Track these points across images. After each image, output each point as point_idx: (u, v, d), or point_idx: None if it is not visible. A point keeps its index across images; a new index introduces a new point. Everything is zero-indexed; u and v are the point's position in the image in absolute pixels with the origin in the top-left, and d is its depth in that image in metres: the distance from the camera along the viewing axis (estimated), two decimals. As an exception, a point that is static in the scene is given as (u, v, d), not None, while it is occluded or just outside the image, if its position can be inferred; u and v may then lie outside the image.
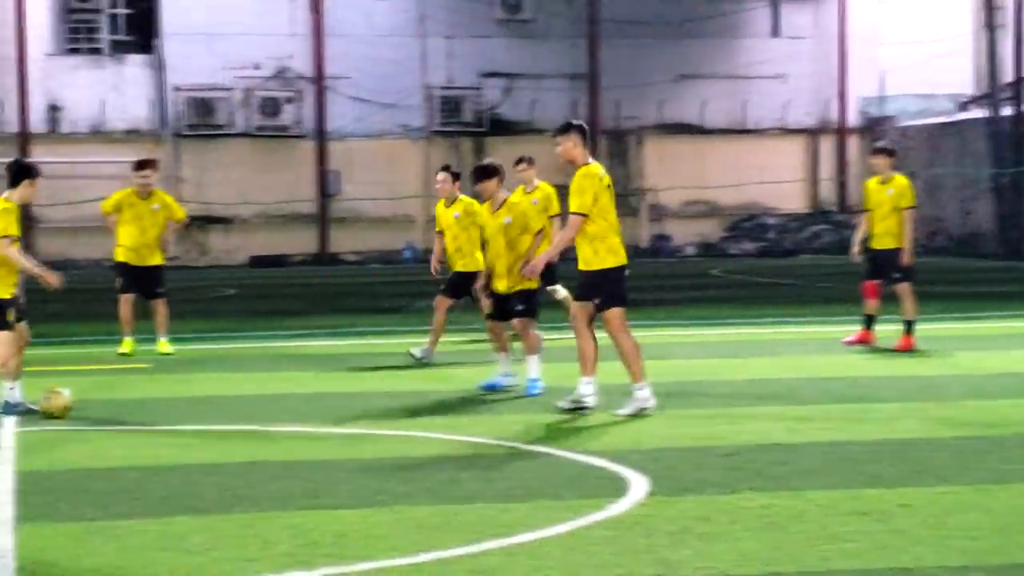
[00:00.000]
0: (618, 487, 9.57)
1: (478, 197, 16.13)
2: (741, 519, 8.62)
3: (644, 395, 13.03)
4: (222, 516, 8.90)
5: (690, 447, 11.20)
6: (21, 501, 9.36)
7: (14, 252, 13.25)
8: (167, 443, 11.83)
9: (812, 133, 50.50)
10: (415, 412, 13.18)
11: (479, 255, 16.64)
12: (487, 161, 16.38)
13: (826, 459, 10.63)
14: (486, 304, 15.33)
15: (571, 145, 13.12)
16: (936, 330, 19.99)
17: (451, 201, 17.81)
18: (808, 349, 18.60)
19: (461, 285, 17.23)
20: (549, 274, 20.10)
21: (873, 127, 50.22)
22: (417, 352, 17.20)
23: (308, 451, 11.42)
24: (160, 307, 18.60)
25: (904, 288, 18.24)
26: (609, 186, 13.21)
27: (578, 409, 12.94)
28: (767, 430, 11.99)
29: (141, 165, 18.87)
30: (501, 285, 14.93)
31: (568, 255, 13.85)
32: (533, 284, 14.92)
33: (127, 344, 18.20)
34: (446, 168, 18.29)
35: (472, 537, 8.20)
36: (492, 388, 14.80)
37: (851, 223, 36.85)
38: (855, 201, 46.16)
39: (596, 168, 13.17)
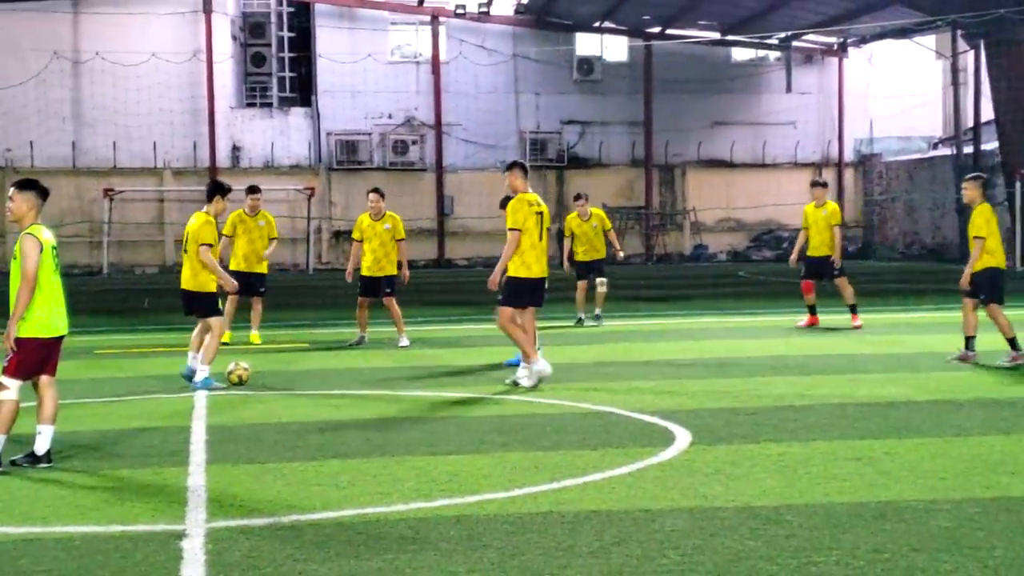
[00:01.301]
0: (667, 439, 9.53)
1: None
2: (761, 463, 8.56)
3: (541, 366, 12.61)
4: (362, 460, 8.94)
5: (723, 407, 11.13)
6: (210, 448, 9.46)
7: (208, 257, 13.37)
8: (321, 404, 11.91)
9: (817, 166, 50.06)
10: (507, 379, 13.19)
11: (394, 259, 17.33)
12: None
13: (828, 417, 10.53)
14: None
15: (514, 178, 12.96)
16: (911, 318, 19.81)
17: (379, 216, 17.44)
18: (814, 333, 18.45)
19: (373, 286, 17.26)
20: (598, 269, 20.27)
21: (864, 162, 49.87)
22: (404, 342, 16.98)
23: (428, 410, 11.46)
24: (257, 304, 17.78)
25: (842, 281, 18.92)
26: (539, 213, 12.83)
27: (516, 384, 12.55)
28: (782, 394, 11.89)
29: (252, 190, 18.33)
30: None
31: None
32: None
33: (227, 335, 16.77)
34: (376, 190, 17.70)
35: (555, 476, 8.19)
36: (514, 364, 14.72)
37: (846, 235, 36.49)
38: (849, 218, 45.79)
39: (530, 197, 12.89)
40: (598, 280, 20.25)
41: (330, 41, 46.10)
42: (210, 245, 13.46)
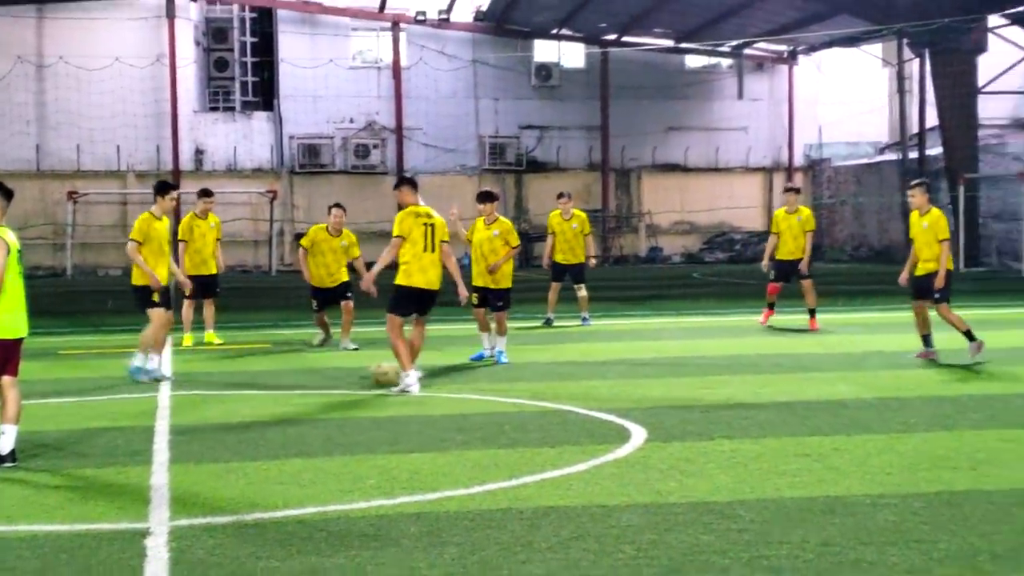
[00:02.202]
0: (623, 436, 9.56)
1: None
2: (714, 460, 8.60)
3: (410, 380, 12.34)
4: (325, 458, 8.92)
5: (677, 405, 11.17)
6: (174, 447, 9.40)
7: (133, 252, 13.54)
8: (283, 403, 11.87)
9: (768, 171, 50.42)
10: (471, 379, 13.19)
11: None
12: (487, 189, 16.97)
13: (779, 415, 10.59)
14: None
15: (403, 195, 12.91)
16: (859, 318, 19.95)
17: (338, 232, 17.20)
18: (764, 332, 18.55)
19: (331, 295, 17.01)
20: (577, 276, 20.29)
21: (813, 167, 50.20)
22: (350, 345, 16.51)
23: (389, 410, 11.43)
24: (210, 305, 17.55)
25: (808, 284, 18.85)
26: (428, 224, 12.67)
27: (405, 392, 12.25)
28: (734, 393, 11.95)
29: (204, 193, 18.05)
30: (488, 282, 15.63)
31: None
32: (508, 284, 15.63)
33: (188, 338, 17.08)
34: (339, 205, 17.44)
35: (513, 474, 8.19)
36: (479, 358, 15.12)
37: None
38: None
39: (420, 209, 12.77)
40: (576, 286, 20.32)
41: (292, 46, 45.94)
42: (138, 242, 13.54)
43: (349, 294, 17.08)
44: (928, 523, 6.76)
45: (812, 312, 18.79)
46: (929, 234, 14.37)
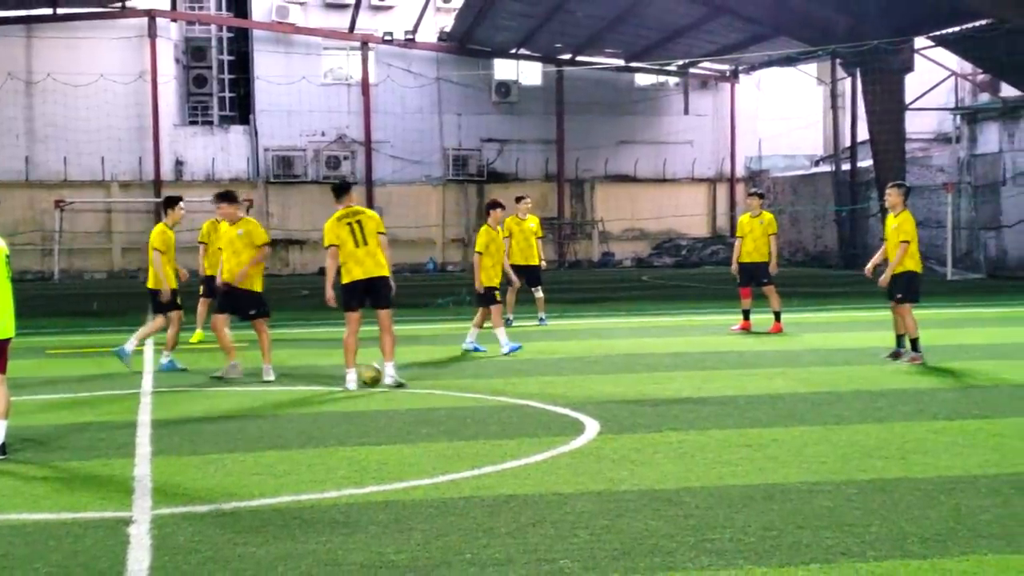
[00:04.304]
0: (578, 428, 9.56)
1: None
2: (663, 450, 8.62)
3: (349, 378, 12.30)
4: (298, 450, 8.88)
5: (628, 400, 11.19)
6: (155, 441, 9.33)
7: (156, 261, 14.20)
8: (260, 399, 11.80)
9: (712, 181, 50.66)
10: (435, 376, 13.16)
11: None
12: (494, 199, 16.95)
13: (722, 408, 10.63)
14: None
15: (335, 203, 12.73)
16: (796, 319, 20.03)
17: (235, 221, 16.92)
18: (709, 332, 18.60)
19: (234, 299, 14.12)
20: (534, 279, 20.26)
21: (753, 177, 50.48)
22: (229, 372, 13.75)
23: (359, 405, 11.39)
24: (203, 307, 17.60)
25: (770, 289, 18.45)
26: (352, 222, 12.45)
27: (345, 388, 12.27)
28: (681, 388, 11.98)
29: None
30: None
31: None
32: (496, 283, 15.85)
33: (198, 335, 17.37)
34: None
35: (475, 464, 8.18)
36: (477, 349, 15.53)
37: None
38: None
39: (341, 212, 12.58)
40: (533, 289, 20.28)
41: (267, 64, 45.72)
42: (160, 251, 14.16)
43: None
44: (861, 508, 6.80)
45: (776, 315, 18.29)
46: (896, 234, 14.20)
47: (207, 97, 46.22)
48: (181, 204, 14.88)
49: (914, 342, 14.11)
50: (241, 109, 46.80)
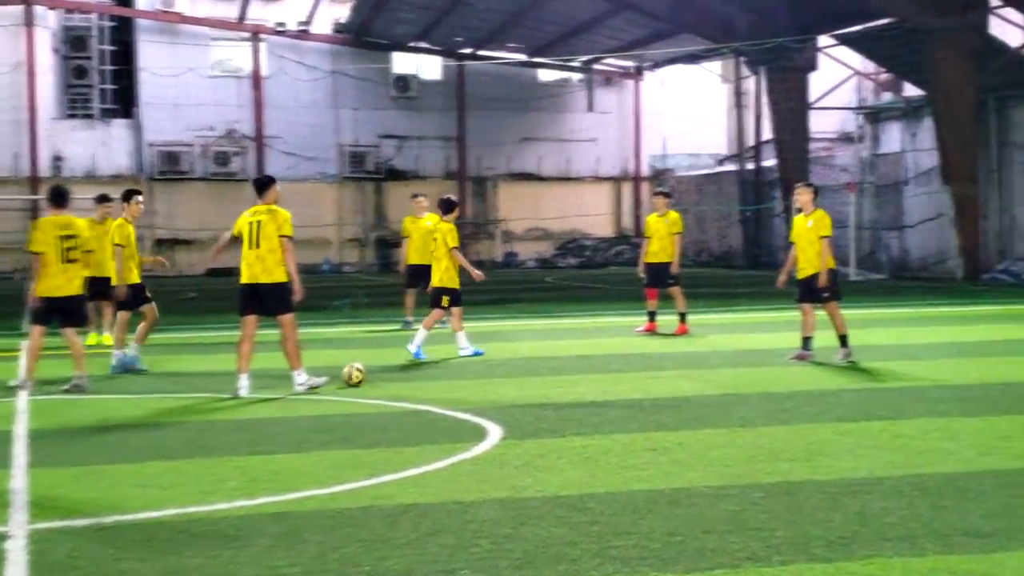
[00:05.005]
0: (480, 434, 9.56)
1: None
2: (567, 455, 8.65)
3: (239, 383, 12.14)
4: (185, 460, 8.73)
5: (532, 404, 11.21)
6: (32, 451, 9.10)
7: (118, 254, 14.54)
8: (143, 407, 11.58)
9: (616, 180, 51.14)
10: (331, 381, 13.02)
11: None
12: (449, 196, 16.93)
13: (627, 411, 10.70)
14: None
15: (276, 195, 12.62)
16: (701, 319, 20.27)
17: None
18: (614, 333, 18.74)
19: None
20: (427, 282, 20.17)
21: (658, 176, 51.04)
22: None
23: (251, 412, 11.25)
24: (108, 308, 17.18)
25: (675, 290, 18.60)
26: (250, 223, 12.36)
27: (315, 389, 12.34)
28: (586, 391, 12.04)
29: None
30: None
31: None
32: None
33: (92, 338, 17.18)
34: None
35: (373, 472, 8.13)
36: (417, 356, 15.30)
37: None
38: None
39: (251, 210, 12.55)
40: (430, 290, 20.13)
41: (152, 55, 45.01)
42: (121, 246, 14.47)
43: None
44: (766, 512, 6.89)
45: (682, 316, 18.42)
46: (813, 233, 14.31)
47: (87, 89, 45.34)
48: (139, 197, 15.09)
49: (843, 338, 14.35)
50: (124, 102, 46.01)
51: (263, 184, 12.74)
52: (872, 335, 16.91)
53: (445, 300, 15.85)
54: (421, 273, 20.14)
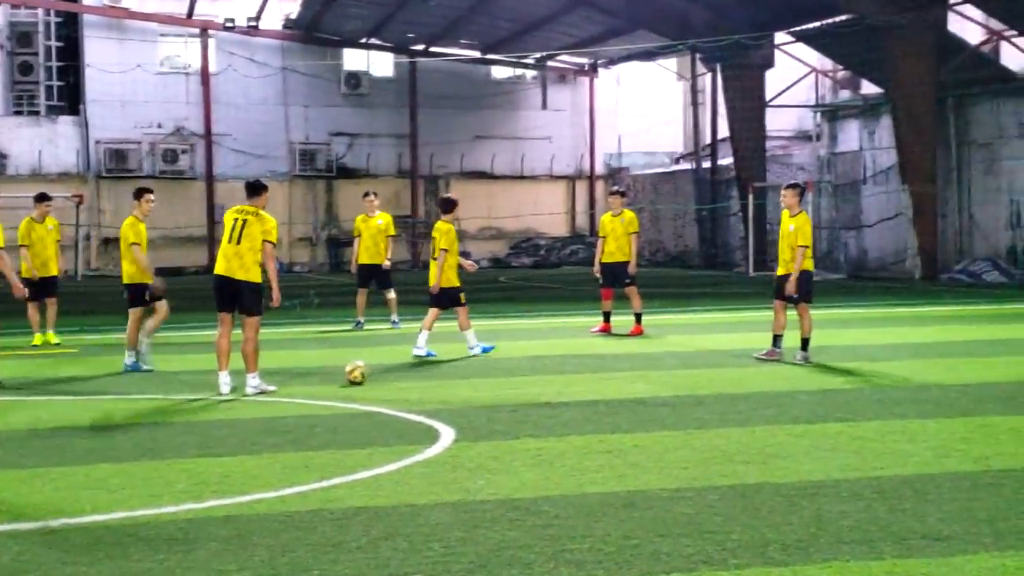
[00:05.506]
0: (433, 436, 9.56)
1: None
2: (521, 458, 8.67)
3: (220, 381, 12.23)
4: (133, 463, 8.68)
5: (485, 405, 11.23)
6: (-23, 454, 9.01)
7: (138, 254, 14.64)
8: (91, 408, 11.48)
9: (571, 179, 51.19)
10: (282, 382, 12.97)
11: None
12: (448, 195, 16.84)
13: (582, 413, 10.74)
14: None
15: (266, 200, 12.61)
16: (657, 320, 20.35)
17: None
18: (568, 334, 18.79)
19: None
20: (383, 280, 20.13)
21: (613, 175, 51.19)
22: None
23: (199, 413, 11.19)
24: (52, 306, 17.75)
25: (632, 290, 18.68)
26: (235, 218, 12.33)
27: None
28: (540, 393, 12.07)
29: (41, 198, 18.44)
30: None
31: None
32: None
33: (37, 338, 17.45)
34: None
35: (324, 475, 8.11)
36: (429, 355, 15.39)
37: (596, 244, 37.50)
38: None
39: (240, 207, 12.59)
40: (384, 290, 20.11)
41: (99, 51, 44.57)
42: (138, 244, 14.56)
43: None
44: (722, 515, 6.93)
45: (638, 317, 18.45)
46: (793, 236, 14.51)
47: (33, 86, 44.88)
48: (150, 196, 15.12)
49: (805, 341, 14.53)
50: (71, 99, 45.56)
51: (256, 188, 12.74)
52: (829, 336, 17.05)
53: (463, 297, 16.14)
54: (373, 273, 20.16)
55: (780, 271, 14.85)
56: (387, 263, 20.36)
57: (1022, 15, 33.28)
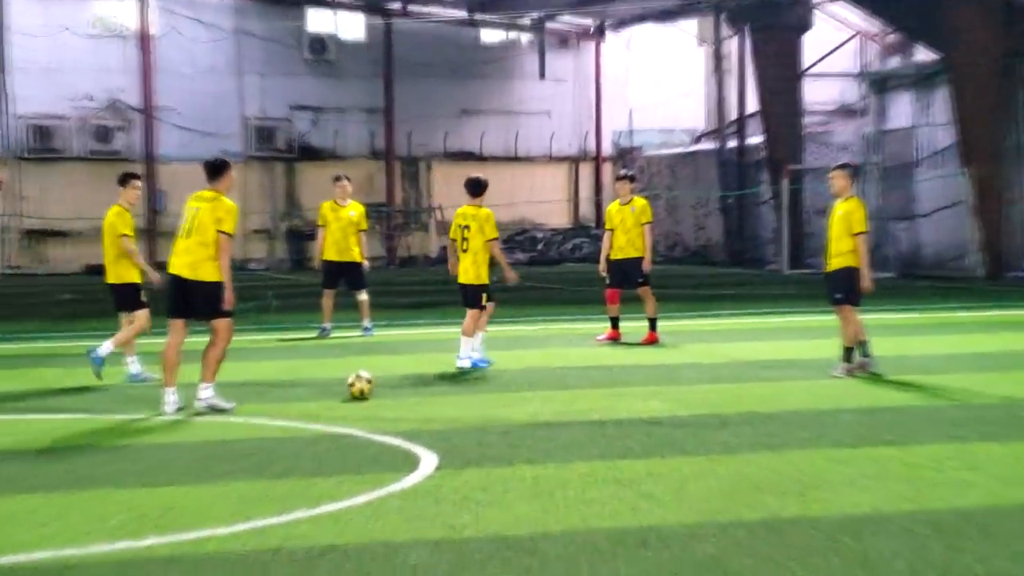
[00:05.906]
0: (411, 462, 9.56)
1: None
2: (515, 488, 8.67)
3: (166, 399, 12.22)
4: (64, 493, 8.67)
5: (472, 427, 11.22)
6: None
7: (130, 246, 14.89)
8: (13, 429, 11.47)
9: (573, 160, 51.28)
10: (236, 398, 12.95)
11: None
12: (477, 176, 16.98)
13: (587, 435, 10.74)
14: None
15: (231, 181, 12.62)
16: (675, 326, 20.35)
17: None
18: (571, 342, 18.79)
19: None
20: (354, 279, 20.12)
21: (623, 156, 51.21)
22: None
23: (140, 437, 11.18)
24: None
25: (645, 291, 18.61)
26: (188, 209, 12.41)
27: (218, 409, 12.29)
28: (538, 411, 12.07)
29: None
30: None
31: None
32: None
33: None
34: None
35: (284, 508, 8.11)
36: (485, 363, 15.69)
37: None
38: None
39: (196, 194, 12.60)
40: (355, 292, 20.09)
41: (20, 13, 44.67)
42: (128, 236, 14.81)
43: None
44: (751, 555, 6.94)
45: (652, 323, 18.42)
46: (843, 224, 14.42)
47: (-58, 51, 44.95)
48: (136, 182, 15.35)
49: (848, 351, 14.51)
50: (-13, 66, 45.62)
51: (217, 168, 12.60)
52: (877, 345, 17.04)
53: (485, 298, 16.25)
54: (342, 271, 20.10)
55: (829, 267, 14.75)
56: (366, 263, 20.40)
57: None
